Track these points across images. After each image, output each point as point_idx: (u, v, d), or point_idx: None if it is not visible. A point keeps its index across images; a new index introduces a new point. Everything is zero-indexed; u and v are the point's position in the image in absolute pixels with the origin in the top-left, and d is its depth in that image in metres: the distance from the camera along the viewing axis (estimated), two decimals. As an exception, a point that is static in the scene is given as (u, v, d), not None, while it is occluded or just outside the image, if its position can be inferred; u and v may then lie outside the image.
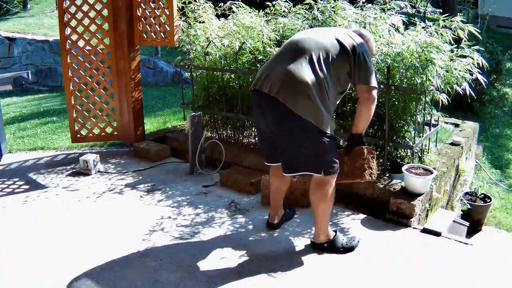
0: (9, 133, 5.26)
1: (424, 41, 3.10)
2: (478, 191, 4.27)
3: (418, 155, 3.47)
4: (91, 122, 4.37)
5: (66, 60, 4.15)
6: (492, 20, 11.13)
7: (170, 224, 3.07)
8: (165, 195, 3.50)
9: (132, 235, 2.93)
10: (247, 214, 3.20)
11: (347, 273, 2.52)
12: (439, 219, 3.26)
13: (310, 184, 2.63)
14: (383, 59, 3.25)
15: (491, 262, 2.67)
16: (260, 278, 2.47)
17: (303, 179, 3.13)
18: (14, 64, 10.76)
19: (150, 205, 3.35)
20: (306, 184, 3.08)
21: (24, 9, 14.20)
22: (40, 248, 2.79)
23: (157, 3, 4.00)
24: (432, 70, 2.99)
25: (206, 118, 4.35)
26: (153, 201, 3.41)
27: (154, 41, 4.17)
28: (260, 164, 3.78)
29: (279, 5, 4.14)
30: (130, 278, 2.47)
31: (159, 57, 9.98)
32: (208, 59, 4.11)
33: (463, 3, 11.37)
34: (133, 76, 4.28)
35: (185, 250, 2.74)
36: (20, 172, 4.00)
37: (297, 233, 2.92)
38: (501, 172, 5.69)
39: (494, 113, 7.59)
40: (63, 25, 4.07)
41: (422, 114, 3.39)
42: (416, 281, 2.45)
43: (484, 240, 4.11)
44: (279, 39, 3.77)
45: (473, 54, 3.16)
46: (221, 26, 4.18)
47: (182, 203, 3.37)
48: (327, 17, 3.74)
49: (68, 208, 3.32)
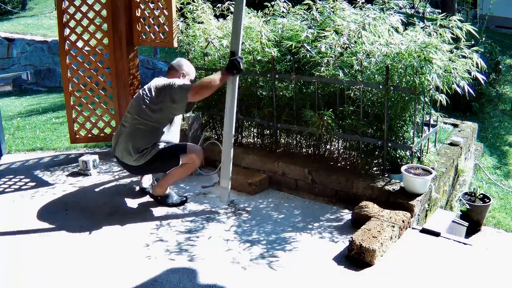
0: (8, 133, 5.26)
1: (423, 41, 3.11)
2: (477, 191, 4.28)
3: (417, 155, 3.48)
4: (90, 122, 4.37)
5: (65, 61, 4.15)
6: (491, 20, 11.14)
7: (166, 229, 3.07)
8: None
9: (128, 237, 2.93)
10: (247, 214, 3.20)
11: (346, 272, 2.52)
12: (438, 219, 3.26)
13: None
14: (382, 60, 3.26)
15: (490, 262, 2.68)
16: (261, 277, 2.48)
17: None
18: (13, 64, 10.75)
19: (147, 206, 3.35)
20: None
21: (23, 10, 14.19)
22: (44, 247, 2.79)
23: (156, 4, 4.00)
24: (431, 70, 2.99)
25: (205, 119, 4.34)
26: (150, 203, 3.40)
27: (153, 41, 4.16)
28: (258, 165, 3.78)
29: (278, 5, 4.14)
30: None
31: (158, 58, 9.97)
32: (207, 60, 4.11)
33: (462, 3, 11.38)
34: (132, 77, 4.28)
35: (183, 252, 2.74)
36: (19, 173, 4.00)
37: (298, 229, 2.92)
38: (500, 173, 5.69)
39: (493, 113, 7.60)
40: (62, 26, 4.07)
41: (421, 114, 3.39)
42: (415, 281, 2.45)
43: (483, 240, 4.12)
44: (278, 40, 3.77)
45: (472, 54, 3.17)
46: (220, 26, 4.18)
47: (180, 205, 3.37)
48: (326, 17, 3.74)
49: (68, 209, 3.32)
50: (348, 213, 3.18)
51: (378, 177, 3.32)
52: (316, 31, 3.58)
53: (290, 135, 3.92)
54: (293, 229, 2.99)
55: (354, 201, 3.18)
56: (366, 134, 3.36)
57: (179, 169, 3.26)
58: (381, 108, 3.27)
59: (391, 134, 3.34)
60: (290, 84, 3.77)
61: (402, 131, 3.40)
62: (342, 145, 3.66)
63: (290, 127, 3.71)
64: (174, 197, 3.40)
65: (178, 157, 3.20)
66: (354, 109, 3.41)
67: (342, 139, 3.59)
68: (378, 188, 3.19)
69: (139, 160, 3.12)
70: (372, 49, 3.23)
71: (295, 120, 3.64)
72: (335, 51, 3.32)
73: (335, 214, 3.20)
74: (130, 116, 3.19)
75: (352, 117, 3.37)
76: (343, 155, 3.65)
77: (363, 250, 2.57)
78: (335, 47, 3.31)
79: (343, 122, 3.40)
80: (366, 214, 2.95)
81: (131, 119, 3.17)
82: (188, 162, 3.25)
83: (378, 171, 3.48)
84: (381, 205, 3.05)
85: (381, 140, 3.29)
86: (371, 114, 3.36)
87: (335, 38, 3.31)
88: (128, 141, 3.13)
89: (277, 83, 3.77)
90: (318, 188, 3.49)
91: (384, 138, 3.26)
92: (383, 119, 3.24)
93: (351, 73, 3.33)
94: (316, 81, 3.45)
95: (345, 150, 3.64)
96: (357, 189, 3.29)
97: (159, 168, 3.34)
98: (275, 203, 3.38)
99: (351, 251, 2.63)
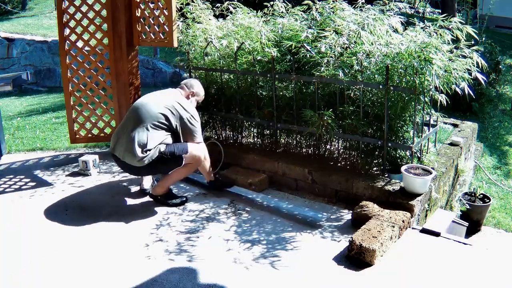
0: (8, 133, 5.26)
1: (423, 41, 3.11)
2: (477, 191, 4.28)
3: (417, 155, 3.47)
4: (90, 122, 4.37)
5: (65, 61, 4.15)
6: (491, 20, 11.15)
7: (166, 229, 3.07)
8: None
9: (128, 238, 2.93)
10: (247, 214, 3.20)
11: (346, 272, 2.52)
12: (438, 219, 3.26)
13: None
14: (382, 60, 3.26)
15: (490, 262, 2.67)
16: (261, 276, 2.48)
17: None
18: (13, 64, 10.76)
19: (147, 207, 3.35)
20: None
21: (23, 10, 14.20)
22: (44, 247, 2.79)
23: (155, 4, 4.00)
24: (431, 70, 2.99)
25: (205, 119, 4.34)
26: (149, 203, 3.40)
27: (153, 41, 4.16)
28: (258, 165, 3.78)
29: (277, 5, 4.14)
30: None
31: (158, 58, 9.97)
32: (207, 60, 4.11)
33: (462, 4, 11.37)
34: (132, 77, 4.28)
35: (183, 252, 2.74)
36: (18, 173, 4.00)
37: (299, 229, 2.92)
38: (500, 173, 5.69)
39: (493, 113, 7.61)
40: (62, 26, 4.07)
41: (421, 114, 3.39)
42: (415, 281, 2.45)
43: (483, 240, 4.12)
44: (278, 40, 3.77)
45: (472, 54, 3.16)
46: (220, 26, 4.18)
47: (180, 205, 3.37)
48: (326, 17, 3.74)
49: (68, 209, 3.32)
50: (348, 213, 3.18)
51: (378, 177, 3.32)
52: (316, 31, 3.58)
53: (290, 135, 3.92)
54: (293, 229, 2.99)
55: (354, 201, 3.18)
56: (366, 134, 3.36)
57: (181, 169, 3.27)
58: (381, 108, 3.27)
59: (391, 134, 3.34)
60: (290, 84, 3.77)
61: (402, 131, 3.40)
62: (342, 145, 3.66)
63: (290, 127, 3.71)
64: (174, 197, 3.40)
65: (181, 158, 3.19)
66: (354, 109, 3.41)
67: (342, 139, 3.59)
68: (378, 188, 3.19)
69: (142, 161, 3.10)
70: (372, 49, 3.23)
71: (295, 120, 3.64)
72: (335, 51, 3.32)
73: (335, 214, 3.20)
74: (134, 118, 3.17)
75: (352, 117, 3.37)
76: (343, 155, 3.65)
77: (363, 250, 2.57)
78: (335, 47, 3.31)
79: (343, 122, 3.40)
80: (366, 214, 2.95)
81: (135, 121, 3.16)
82: (191, 162, 3.25)
83: (378, 171, 3.48)
84: (381, 205, 3.05)
85: (381, 140, 3.29)
86: (371, 114, 3.36)
87: (335, 38, 3.31)
88: (131, 141, 3.10)
89: (277, 83, 3.77)
90: (318, 188, 3.49)
91: (384, 138, 3.26)
92: (383, 119, 3.23)
93: (351, 73, 3.33)
94: (316, 81, 3.45)
95: (345, 150, 3.64)
96: (357, 189, 3.29)
97: (162, 169, 3.32)
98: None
99: (351, 251, 2.63)
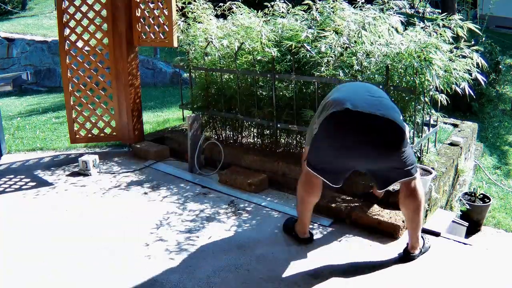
0: (8, 133, 5.25)
1: (423, 41, 3.11)
2: (477, 192, 4.28)
3: (417, 155, 3.47)
4: (90, 122, 4.37)
5: (65, 61, 4.15)
6: (491, 20, 11.15)
7: (166, 229, 3.07)
8: (161, 197, 3.49)
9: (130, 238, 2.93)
10: (247, 214, 3.20)
11: (346, 272, 2.52)
12: (438, 219, 3.26)
13: (401, 194, 2.49)
14: (382, 60, 3.25)
15: (490, 262, 2.67)
16: (262, 275, 2.48)
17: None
18: (13, 64, 10.76)
19: (147, 207, 3.35)
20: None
21: (23, 10, 14.20)
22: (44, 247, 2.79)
23: (156, 4, 4.00)
24: (431, 70, 2.99)
25: (205, 119, 4.34)
26: (149, 203, 3.41)
27: (153, 41, 4.16)
28: (258, 165, 3.78)
29: (278, 5, 4.14)
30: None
31: (158, 58, 9.98)
32: (207, 60, 4.11)
33: (462, 3, 11.37)
34: (132, 77, 4.28)
35: (183, 251, 2.74)
36: (19, 173, 3.99)
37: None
38: (500, 173, 5.69)
39: (493, 113, 7.60)
40: (62, 26, 4.07)
41: (421, 114, 3.39)
42: (415, 281, 2.45)
43: (483, 240, 4.12)
44: (278, 40, 3.77)
45: (472, 54, 3.16)
46: (220, 26, 4.18)
47: (180, 205, 3.37)
48: (326, 17, 3.74)
49: (67, 209, 3.32)
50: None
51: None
52: (316, 31, 3.58)
53: (290, 135, 3.92)
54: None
55: (354, 201, 3.18)
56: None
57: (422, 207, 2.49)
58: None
59: (391, 134, 3.33)
60: (290, 84, 3.77)
61: (402, 131, 3.39)
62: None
63: (290, 127, 3.70)
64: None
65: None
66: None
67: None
68: (378, 188, 3.19)
69: (404, 143, 2.27)
70: (372, 49, 3.23)
71: (295, 120, 3.64)
72: (335, 51, 3.32)
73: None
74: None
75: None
76: (343, 155, 3.64)
77: (363, 250, 2.57)
78: (335, 47, 3.31)
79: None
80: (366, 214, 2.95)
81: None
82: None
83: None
84: (381, 205, 3.05)
85: (381, 140, 3.28)
86: (371, 114, 3.36)
87: (335, 38, 3.31)
88: (392, 107, 2.35)
89: (277, 83, 3.76)
90: (318, 188, 3.48)
91: (384, 138, 3.25)
92: (383, 119, 3.23)
93: (351, 73, 3.33)
94: (316, 81, 3.45)
95: (345, 150, 3.64)
96: (357, 188, 3.29)
97: (388, 174, 2.46)
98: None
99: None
